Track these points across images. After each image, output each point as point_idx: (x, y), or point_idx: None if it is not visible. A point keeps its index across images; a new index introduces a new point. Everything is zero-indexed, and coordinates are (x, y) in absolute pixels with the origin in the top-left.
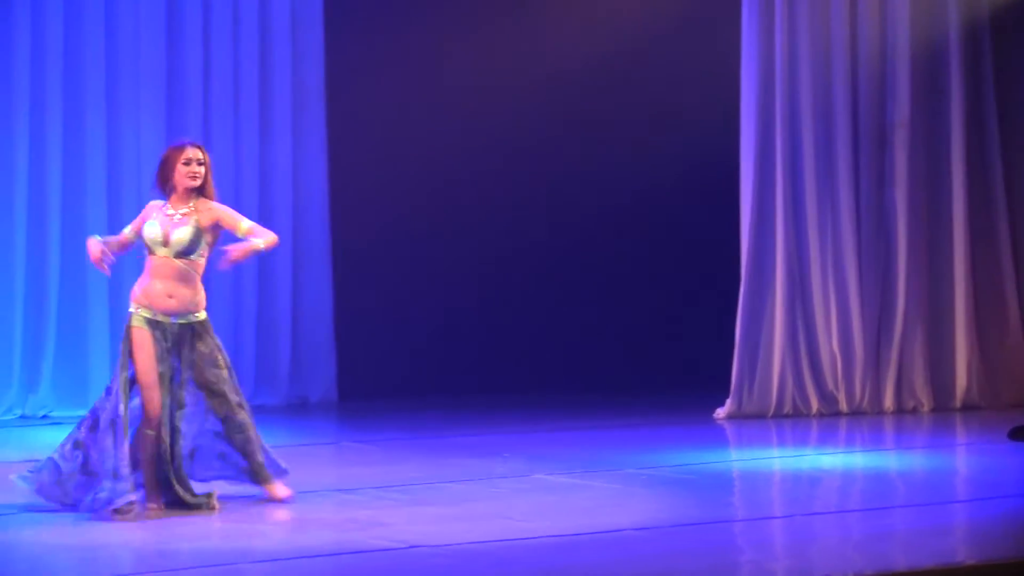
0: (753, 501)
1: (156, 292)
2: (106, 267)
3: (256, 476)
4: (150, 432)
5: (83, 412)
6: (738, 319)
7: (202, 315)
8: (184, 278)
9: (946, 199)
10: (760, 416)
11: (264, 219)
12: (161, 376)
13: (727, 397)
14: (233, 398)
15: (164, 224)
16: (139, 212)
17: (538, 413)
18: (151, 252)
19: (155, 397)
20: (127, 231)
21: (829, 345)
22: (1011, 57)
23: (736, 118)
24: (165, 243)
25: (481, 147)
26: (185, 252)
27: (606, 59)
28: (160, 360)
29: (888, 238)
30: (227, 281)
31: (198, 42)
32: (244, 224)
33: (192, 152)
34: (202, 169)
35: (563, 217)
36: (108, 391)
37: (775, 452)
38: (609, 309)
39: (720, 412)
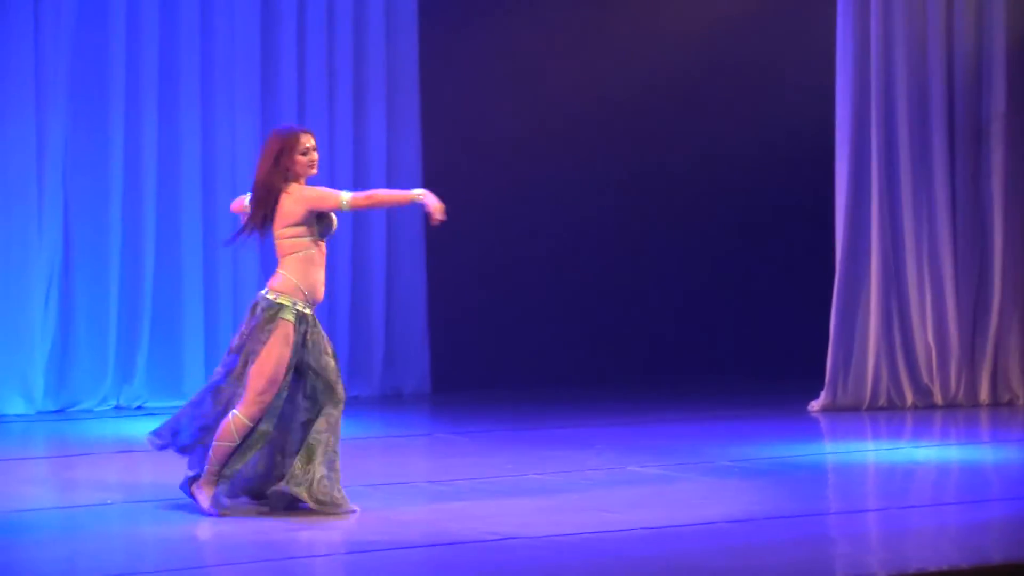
0: (847, 494)
1: (318, 280)
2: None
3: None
4: (248, 423)
5: (177, 403)
6: (833, 311)
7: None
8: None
9: None
10: (854, 409)
11: (357, 218)
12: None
13: (821, 389)
14: (342, 387)
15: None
16: (235, 201)
17: (632, 405)
18: (323, 238)
19: (273, 396)
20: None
21: (924, 338)
22: None
23: (831, 109)
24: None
25: (571, 136)
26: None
27: (704, 49)
28: (292, 358)
29: (984, 230)
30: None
31: (292, 31)
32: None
33: (306, 139)
34: (317, 156)
35: (657, 207)
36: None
37: (869, 445)
38: (704, 301)
39: (814, 404)
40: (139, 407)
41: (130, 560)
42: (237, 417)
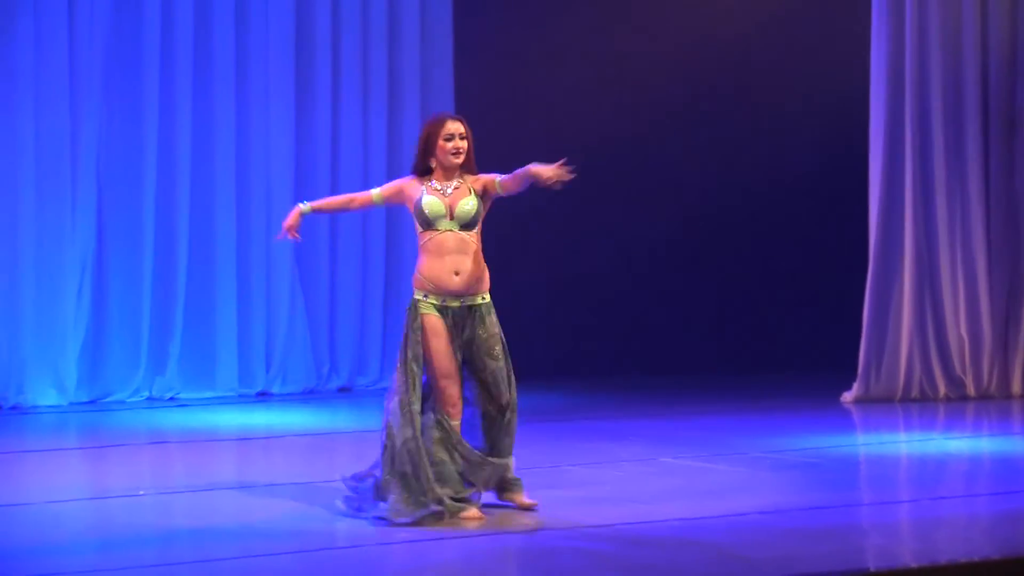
0: (879, 485)
1: (442, 270)
2: (290, 235)
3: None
4: (448, 421)
5: (210, 394)
6: (866, 302)
7: (487, 297)
8: (469, 252)
9: None
10: (887, 400)
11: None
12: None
13: (854, 380)
14: (504, 394)
15: (442, 196)
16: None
17: (665, 397)
18: (430, 228)
19: (453, 389)
20: (374, 194)
21: (957, 329)
22: None
23: (866, 101)
24: (450, 215)
25: (605, 135)
26: (470, 224)
27: (739, 40)
28: (450, 347)
29: (1017, 223)
30: (355, 262)
31: (327, 20)
32: (497, 179)
33: (453, 126)
34: (464, 143)
35: (692, 199)
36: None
37: (902, 436)
38: (738, 292)
39: (847, 396)
40: (172, 398)
41: (162, 552)
42: None
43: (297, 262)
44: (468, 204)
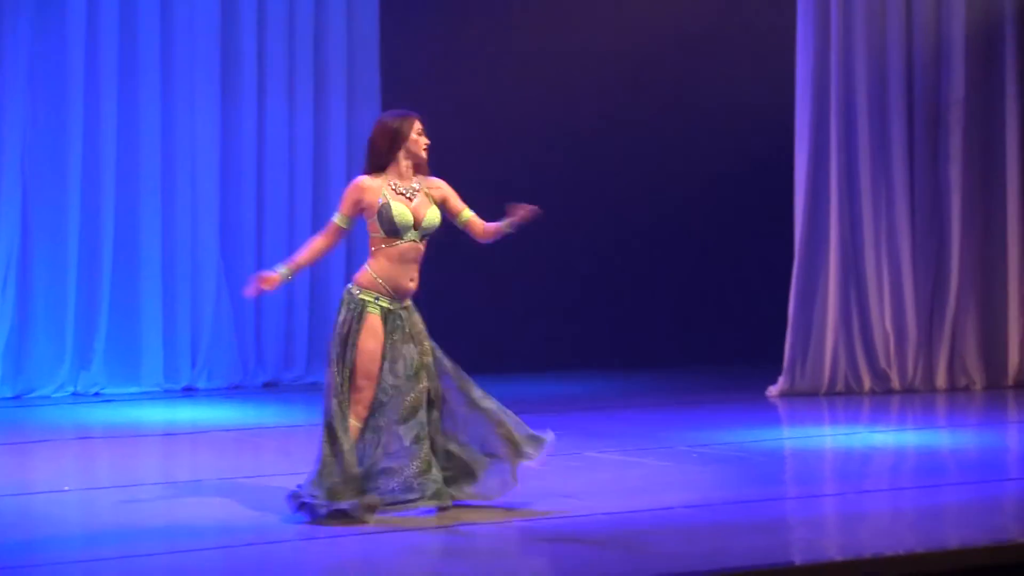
0: (805, 478)
1: (402, 277)
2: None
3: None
4: (356, 424)
5: (135, 389)
6: (791, 297)
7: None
8: (420, 260)
9: (1000, 177)
10: (812, 394)
11: (318, 201)
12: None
13: (780, 375)
14: (433, 382)
15: (409, 204)
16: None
17: (590, 391)
18: (395, 236)
19: (370, 392)
20: (339, 222)
21: (882, 323)
22: None
23: (792, 96)
24: (416, 227)
25: (534, 120)
26: (429, 236)
27: (670, 38)
28: (380, 350)
29: (942, 216)
30: (280, 256)
31: (252, 13)
32: (466, 213)
33: (420, 124)
34: (426, 141)
35: (621, 197)
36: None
37: (827, 430)
38: (663, 287)
39: (773, 390)
40: (97, 394)
41: (87, 548)
42: None
43: (222, 257)
44: (434, 216)
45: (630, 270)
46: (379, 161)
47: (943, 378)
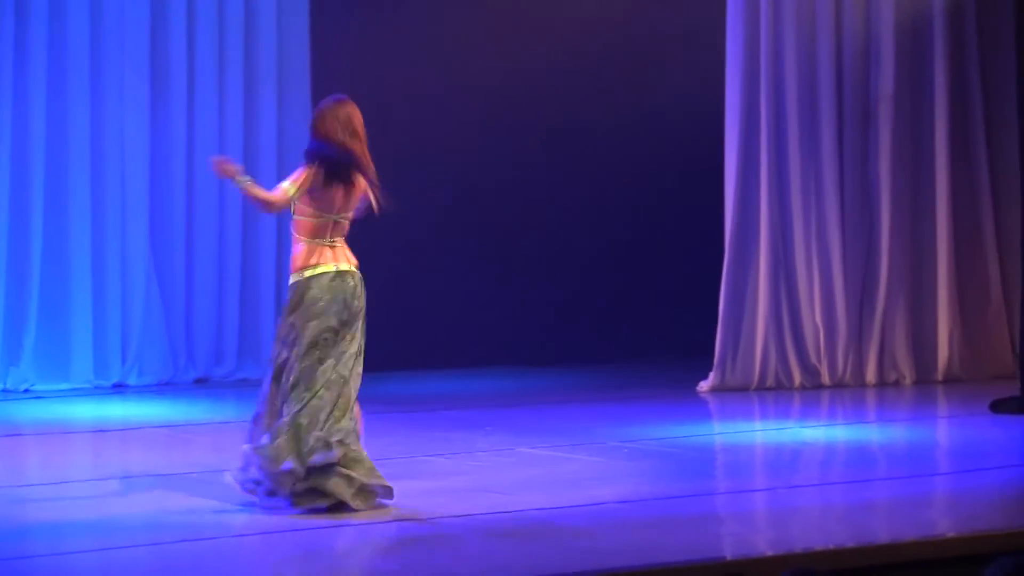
0: (735, 474)
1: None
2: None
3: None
4: None
5: (65, 386)
6: (722, 292)
7: (292, 278)
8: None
9: (929, 173)
10: (743, 389)
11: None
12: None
13: (711, 370)
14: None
15: None
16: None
17: (523, 386)
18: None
19: None
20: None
21: (812, 318)
22: (995, 30)
23: (722, 92)
24: None
25: (461, 117)
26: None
27: (592, 34)
28: None
29: (871, 212)
30: (211, 252)
31: (182, 21)
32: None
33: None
34: None
35: (552, 191)
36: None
37: (758, 425)
38: (593, 282)
39: (703, 385)
40: (26, 390)
41: (17, 545)
42: None
43: (152, 252)
44: None
45: (561, 266)
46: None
47: (873, 373)
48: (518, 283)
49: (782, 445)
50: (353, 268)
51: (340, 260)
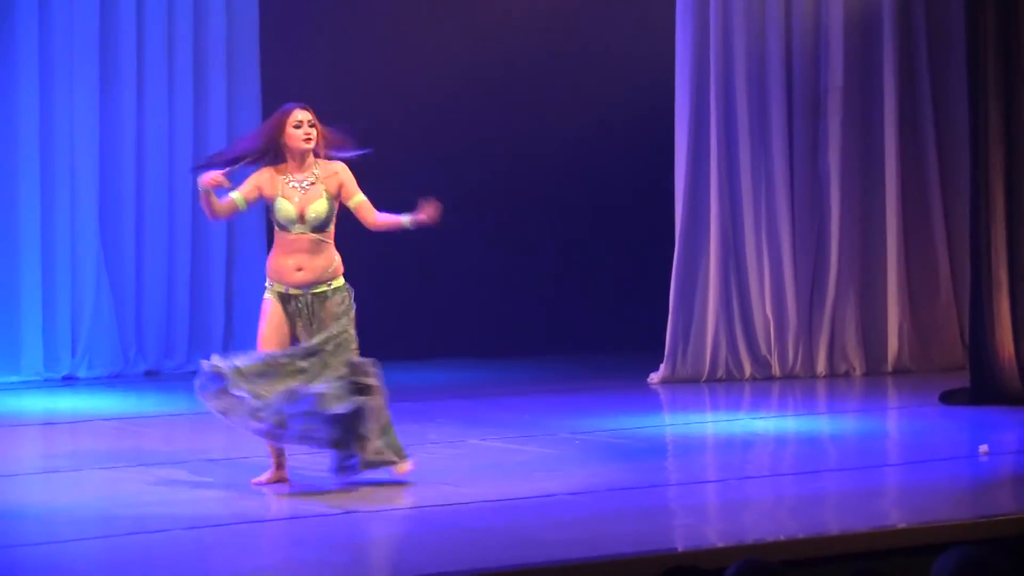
0: (686, 465)
1: (285, 266)
2: (217, 182)
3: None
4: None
5: (15, 378)
6: (672, 284)
7: (338, 281)
8: (318, 251)
9: (879, 166)
10: (694, 380)
11: (198, 189)
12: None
13: (661, 362)
14: (342, 370)
15: (294, 199)
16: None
17: (472, 379)
18: (283, 229)
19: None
20: (237, 199)
21: (762, 310)
22: (944, 23)
23: (671, 84)
24: (301, 220)
25: (410, 114)
26: (321, 227)
27: (542, 27)
28: (280, 330)
29: (821, 204)
30: (161, 244)
31: (131, 10)
32: (357, 198)
33: (301, 114)
34: (314, 131)
35: (499, 185)
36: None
37: (708, 416)
38: (544, 274)
39: (654, 376)
40: None
41: None
42: None
43: (102, 245)
44: (319, 207)
45: (512, 257)
46: (268, 157)
47: (823, 364)
48: (467, 275)
49: (733, 436)
50: None
51: None
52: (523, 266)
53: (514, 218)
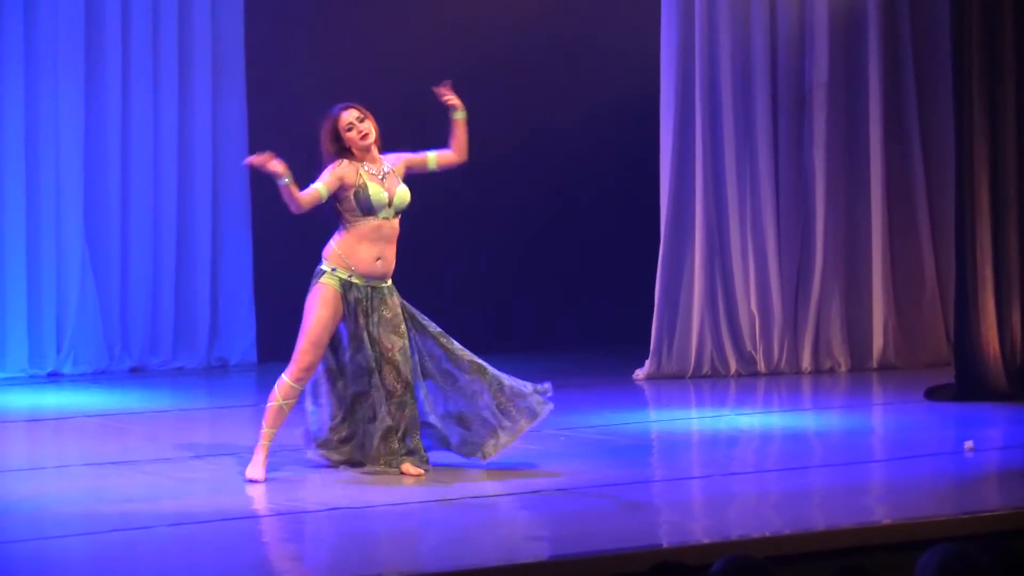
0: (671, 461)
1: (368, 254)
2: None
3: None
4: (295, 386)
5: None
6: (657, 280)
7: (389, 280)
8: (394, 239)
9: (864, 162)
10: (679, 377)
11: (184, 182)
12: (333, 339)
13: (647, 358)
14: (404, 371)
15: (382, 185)
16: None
17: None
18: (370, 214)
19: (313, 358)
20: (320, 189)
21: (748, 306)
22: (929, 17)
23: (657, 79)
24: (390, 203)
25: (397, 108)
26: (402, 211)
27: (526, 26)
28: (335, 317)
29: (806, 199)
30: (146, 241)
31: (116, 6)
32: (430, 155)
33: (348, 115)
34: (365, 124)
35: (485, 180)
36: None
37: (693, 412)
38: (529, 268)
39: (639, 373)
40: None
41: None
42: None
43: (87, 241)
44: (403, 193)
45: (497, 254)
46: (335, 152)
47: (808, 360)
48: (454, 271)
49: (718, 432)
50: None
51: None
52: (508, 263)
53: (499, 215)
